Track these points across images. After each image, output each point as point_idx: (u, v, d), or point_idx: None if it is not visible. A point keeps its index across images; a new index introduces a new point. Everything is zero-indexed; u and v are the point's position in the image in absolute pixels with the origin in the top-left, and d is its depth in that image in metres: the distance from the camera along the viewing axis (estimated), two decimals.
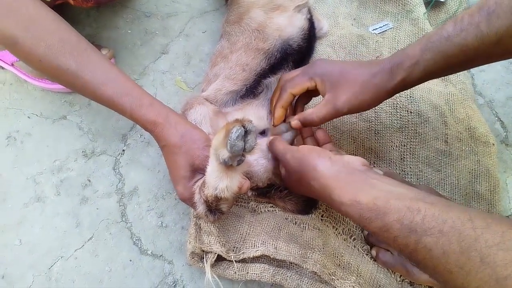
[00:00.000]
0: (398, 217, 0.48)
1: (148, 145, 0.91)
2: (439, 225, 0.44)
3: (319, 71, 0.70)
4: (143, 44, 1.05)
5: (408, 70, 0.62)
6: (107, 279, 0.77)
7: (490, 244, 0.40)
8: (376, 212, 0.50)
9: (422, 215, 0.46)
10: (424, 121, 0.89)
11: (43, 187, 0.85)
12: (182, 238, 0.81)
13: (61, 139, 0.90)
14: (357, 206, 0.53)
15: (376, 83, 0.64)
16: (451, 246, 0.42)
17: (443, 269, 0.43)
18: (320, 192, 0.59)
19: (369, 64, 0.66)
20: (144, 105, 0.68)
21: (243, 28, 0.89)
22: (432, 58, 0.60)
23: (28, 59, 0.66)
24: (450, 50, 0.58)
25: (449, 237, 0.43)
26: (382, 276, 0.75)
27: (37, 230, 0.81)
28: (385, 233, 0.49)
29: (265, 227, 0.77)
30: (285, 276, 0.73)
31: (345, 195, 0.55)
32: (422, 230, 0.45)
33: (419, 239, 0.45)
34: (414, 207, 0.47)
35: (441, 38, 0.58)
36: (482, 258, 0.40)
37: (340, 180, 0.57)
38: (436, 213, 0.45)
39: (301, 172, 0.63)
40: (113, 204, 0.84)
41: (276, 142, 0.71)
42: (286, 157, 0.67)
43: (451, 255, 0.42)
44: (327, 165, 0.60)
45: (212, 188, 0.60)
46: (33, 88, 0.96)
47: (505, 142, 0.94)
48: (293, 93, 0.73)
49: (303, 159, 0.63)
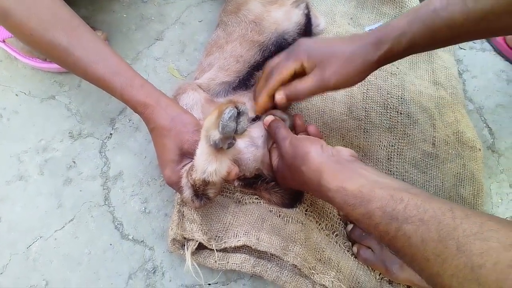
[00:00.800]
0: (381, 205, 0.48)
1: (136, 130, 0.90)
2: (420, 214, 0.45)
3: (303, 48, 0.68)
4: (138, 29, 1.05)
5: (393, 41, 0.62)
6: (86, 261, 0.76)
7: (467, 233, 0.40)
8: (360, 199, 0.51)
9: (405, 204, 0.47)
10: (413, 123, 0.90)
11: (27, 165, 0.84)
12: (164, 225, 0.81)
13: (48, 119, 0.89)
14: (342, 192, 0.54)
15: (362, 54, 0.63)
16: (430, 234, 0.43)
17: (421, 256, 0.44)
18: (309, 178, 0.60)
19: (353, 38, 0.66)
20: (135, 86, 0.67)
21: (240, 19, 0.88)
22: (418, 30, 0.60)
23: (19, 33, 0.65)
24: (437, 24, 0.58)
25: (429, 226, 0.43)
26: (362, 273, 0.75)
27: (18, 209, 0.80)
28: (367, 220, 0.50)
29: (248, 218, 0.76)
30: (265, 268, 0.73)
31: (333, 181, 0.56)
32: (403, 218, 0.46)
33: (400, 227, 0.46)
34: (398, 196, 0.48)
35: (428, 11, 0.59)
36: (459, 247, 0.40)
37: (329, 167, 0.58)
38: (418, 203, 0.46)
39: (294, 157, 0.64)
40: (97, 187, 0.83)
41: (282, 127, 0.71)
42: (285, 142, 0.67)
43: (429, 243, 0.43)
44: (318, 151, 0.61)
45: (200, 171, 0.60)
46: (23, 66, 0.95)
47: (492, 149, 0.95)
48: (280, 79, 0.70)
49: (298, 144, 0.65)
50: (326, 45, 0.67)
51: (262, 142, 0.77)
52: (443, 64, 1.02)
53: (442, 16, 0.58)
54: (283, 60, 0.71)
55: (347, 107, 0.92)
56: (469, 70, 1.07)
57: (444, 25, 0.58)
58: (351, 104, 0.92)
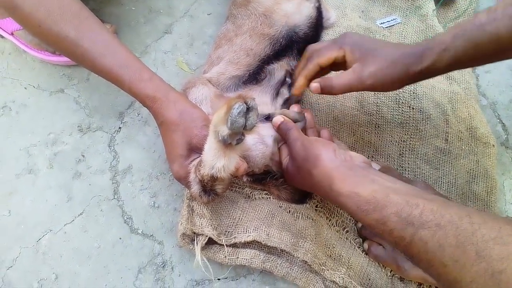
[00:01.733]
0: (396, 210, 0.48)
1: (145, 124, 0.89)
2: (437, 219, 0.44)
3: (350, 40, 0.68)
4: (146, 22, 1.04)
5: (437, 56, 0.60)
6: (95, 255, 0.76)
7: (486, 238, 0.40)
8: (374, 204, 0.50)
9: (421, 209, 0.46)
10: (425, 118, 0.88)
11: (36, 159, 0.84)
12: (174, 219, 0.80)
13: (57, 112, 0.89)
14: (355, 198, 0.53)
15: (405, 62, 0.62)
16: (447, 239, 0.42)
17: (438, 262, 0.43)
18: (319, 181, 0.59)
19: (399, 45, 0.65)
20: (143, 79, 0.66)
21: (250, 12, 0.87)
22: (462, 45, 0.58)
23: (27, 24, 0.65)
24: (481, 39, 0.56)
25: (446, 231, 0.43)
26: (373, 269, 0.74)
27: (28, 202, 0.80)
28: (382, 225, 0.49)
29: (258, 213, 0.76)
30: (275, 263, 0.72)
31: (344, 187, 0.55)
32: (419, 223, 0.45)
33: (416, 232, 0.45)
34: (413, 202, 0.47)
35: (473, 26, 0.57)
36: (478, 252, 0.39)
37: (341, 171, 0.57)
38: (434, 208, 0.45)
39: (305, 160, 0.63)
40: (106, 181, 0.83)
41: (294, 129, 0.70)
42: (296, 144, 0.66)
43: (446, 249, 0.42)
44: (330, 156, 0.60)
45: (208, 167, 0.59)
46: (31, 59, 0.95)
47: (505, 145, 0.93)
48: (320, 63, 0.70)
49: (310, 147, 0.63)
50: (372, 43, 0.66)
51: (272, 141, 0.76)
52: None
53: (487, 31, 0.56)
54: (327, 46, 0.71)
55: (358, 102, 0.91)
56: None
57: (489, 41, 0.56)
58: (362, 99, 0.91)
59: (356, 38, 0.69)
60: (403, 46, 0.65)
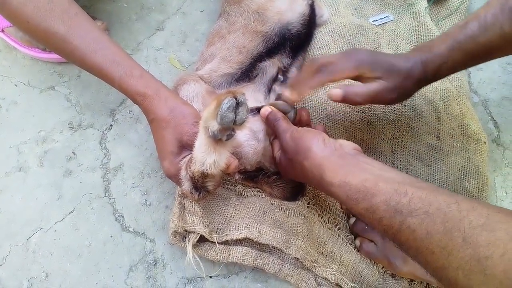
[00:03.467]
0: (385, 199, 0.48)
1: (136, 122, 0.89)
2: (425, 206, 0.44)
3: (366, 59, 0.67)
4: (138, 19, 1.03)
5: (438, 68, 0.65)
6: (86, 253, 0.76)
7: (474, 225, 0.40)
8: (364, 193, 0.51)
9: (409, 197, 0.46)
10: (417, 115, 0.88)
11: (26, 157, 0.83)
12: (165, 217, 0.80)
13: (47, 109, 0.88)
14: (345, 187, 0.53)
15: (415, 77, 0.66)
16: (435, 226, 0.42)
17: (426, 249, 0.43)
18: (311, 172, 0.59)
19: (405, 58, 0.67)
20: (134, 75, 0.66)
21: (243, 9, 0.87)
22: (460, 57, 0.64)
23: (16, 20, 0.64)
24: (476, 49, 0.62)
25: (434, 218, 0.43)
26: (364, 266, 0.74)
27: (18, 200, 0.79)
28: (371, 214, 0.49)
29: (250, 210, 0.76)
30: (267, 261, 0.72)
31: (335, 176, 0.55)
32: (408, 211, 0.45)
33: (404, 220, 0.45)
34: (402, 190, 0.47)
35: (467, 38, 0.62)
36: (465, 238, 0.39)
37: (331, 161, 0.57)
38: (423, 196, 0.45)
39: (296, 151, 0.63)
40: (97, 179, 0.82)
41: (282, 119, 0.70)
42: (285, 136, 0.66)
43: (434, 236, 0.42)
44: (320, 146, 0.60)
45: (199, 163, 0.59)
46: (22, 56, 0.94)
47: (497, 142, 0.94)
48: (333, 80, 0.69)
49: (300, 138, 0.63)
50: (386, 59, 0.67)
51: (263, 136, 0.76)
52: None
53: (480, 42, 0.61)
54: (339, 64, 0.68)
55: None
56: None
57: (482, 49, 0.62)
58: None
59: (369, 56, 0.68)
60: (407, 58, 0.67)
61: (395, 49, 1.00)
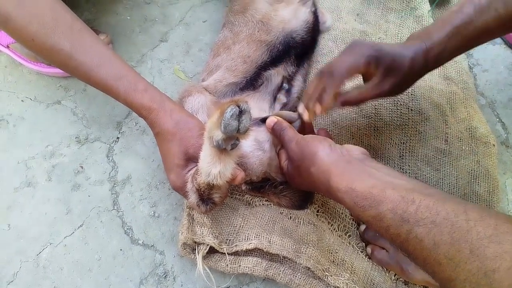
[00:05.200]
0: (392, 207, 0.47)
1: (143, 134, 0.89)
2: (433, 216, 0.43)
3: (374, 53, 0.64)
4: (142, 31, 1.04)
5: (438, 55, 0.64)
6: (96, 267, 0.75)
7: (481, 236, 0.39)
8: (370, 200, 0.50)
9: (416, 206, 0.45)
10: (424, 119, 0.88)
11: (34, 172, 0.83)
12: (174, 228, 0.80)
13: (54, 124, 0.89)
14: (352, 194, 0.52)
15: (416, 68, 0.65)
16: (442, 237, 0.42)
17: (433, 260, 0.42)
18: (318, 179, 0.59)
19: (406, 49, 0.65)
20: (138, 89, 0.66)
21: (247, 19, 0.87)
22: (459, 42, 0.64)
23: (21, 38, 0.65)
24: (473, 33, 0.63)
25: (441, 228, 0.42)
26: (377, 274, 0.74)
27: (27, 216, 0.79)
28: (379, 222, 0.49)
29: (259, 220, 0.75)
30: (278, 271, 0.72)
31: (341, 182, 0.54)
32: (415, 220, 0.45)
33: (411, 229, 0.45)
34: (409, 198, 0.47)
35: (464, 23, 0.62)
36: (472, 250, 0.39)
37: (338, 166, 0.57)
38: (430, 204, 0.45)
39: (302, 159, 0.62)
40: (105, 192, 0.82)
41: (288, 128, 0.69)
42: (291, 144, 0.66)
43: (441, 246, 0.41)
44: (327, 151, 0.60)
45: (205, 174, 0.58)
46: (28, 71, 0.94)
47: (506, 144, 0.93)
48: (348, 76, 0.65)
49: (305, 145, 0.63)
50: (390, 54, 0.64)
51: (269, 146, 0.75)
52: (453, 59, 0.99)
53: (477, 27, 0.62)
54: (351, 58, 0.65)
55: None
56: (479, 64, 1.05)
57: (479, 32, 0.63)
58: None
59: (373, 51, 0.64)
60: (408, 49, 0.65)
61: None
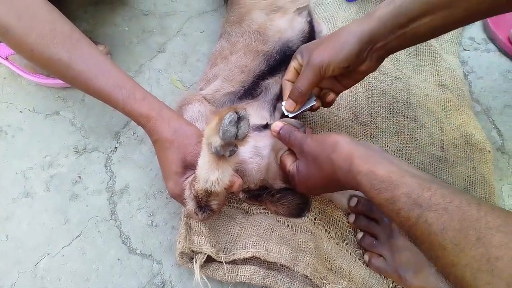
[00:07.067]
0: (408, 191, 0.48)
1: (141, 143, 0.90)
2: (446, 203, 0.44)
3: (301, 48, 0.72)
4: (139, 42, 1.05)
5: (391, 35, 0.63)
6: (94, 277, 0.75)
7: (490, 225, 0.40)
8: (388, 183, 0.51)
9: (432, 193, 0.46)
10: (420, 127, 0.88)
11: (32, 182, 0.83)
12: (172, 238, 0.80)
13: (53, 134, 0.89)
14: (371, 176, 0.53)
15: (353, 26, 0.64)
16: (451, 223, 0.42)
17: (438, 245, 0.43)
18: (339, 165, 0.59)
19: None
20: (137, 98, 0.67)
21: (244, 29, 0.88)
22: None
23: (19, 48, 0.65)
24: None
25: (452, 215, 0.43)
26: (375, 281, 0.74)
27: (25, 226, 0.79)
28: (391, 205, 0.49)
29: (256, 228, 0.75)
30: (276, 279, 0.71)
31: (364, 165, 0.55)
32: (428, 205, 0.45)
33: (422, 213, 0.45)
34: (426, 185, 0.47)
35: None
36: (479, 238, 0.39)
37: (360, 150, 0.57)
38: (446, 193, 0.45)
39: (322, 149, 0.62)
40: (103, 202, 0.83)
41: (295, 131, 0.69)
42: (306, 141, 0.65)
43: (449, 232, 0.42)
44: (347, 139, 0.60)
45: (203, 180, 0.59)
46: (26, 82, 0.95)
47: (501, 150, 0.93)
48: (287, 78, 0.75)
49: (324, 138, 0.63)
50: (319, 39, 0.70)
51: (268, 152, 0.76)
52: (448, 66, 1.01)
53: None
54: None
55: (352, 113, 0.91)
56: (474, 71, 1.06)
57: None
58: (356, 110, 0.91)
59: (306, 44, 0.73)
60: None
61: (394, 61, 1.01)
